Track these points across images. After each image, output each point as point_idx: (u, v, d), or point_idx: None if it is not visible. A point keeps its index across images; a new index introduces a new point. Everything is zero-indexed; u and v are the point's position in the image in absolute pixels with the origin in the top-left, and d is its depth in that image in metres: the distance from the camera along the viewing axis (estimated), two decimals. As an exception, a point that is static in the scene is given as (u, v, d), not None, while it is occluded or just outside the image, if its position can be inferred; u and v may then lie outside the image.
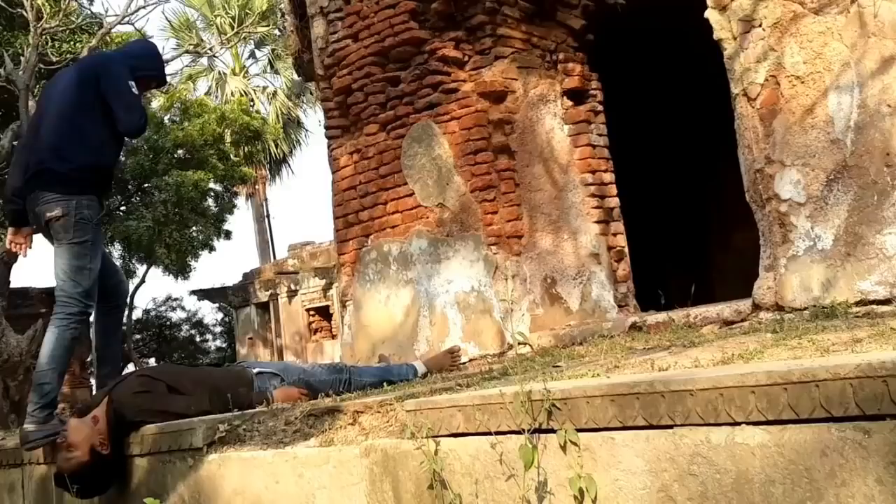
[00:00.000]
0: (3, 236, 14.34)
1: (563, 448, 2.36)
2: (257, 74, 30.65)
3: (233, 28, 20.41)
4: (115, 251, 20.37)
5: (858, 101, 4.30)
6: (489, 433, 2.55)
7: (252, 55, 30.54)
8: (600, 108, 6.45)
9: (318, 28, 6.89)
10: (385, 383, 4.84)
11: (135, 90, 4.59)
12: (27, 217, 4.71)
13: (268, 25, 21.38)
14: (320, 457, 3.21)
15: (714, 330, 4.64)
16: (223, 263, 60.92)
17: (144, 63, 4.89)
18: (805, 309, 4.36)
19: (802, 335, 3.21)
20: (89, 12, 15.38)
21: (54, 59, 13.63)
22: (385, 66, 6.46)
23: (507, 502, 2.51)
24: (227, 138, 19.42)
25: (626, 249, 6.49)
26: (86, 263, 4.54)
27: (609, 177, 6.38)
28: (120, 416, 4.20)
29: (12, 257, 4.23)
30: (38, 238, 4.85)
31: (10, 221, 4.88)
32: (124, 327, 27.37)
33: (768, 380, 1.97)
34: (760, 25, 4.61)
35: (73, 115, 4.60)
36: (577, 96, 6.41)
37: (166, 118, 18.67)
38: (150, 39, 5.34)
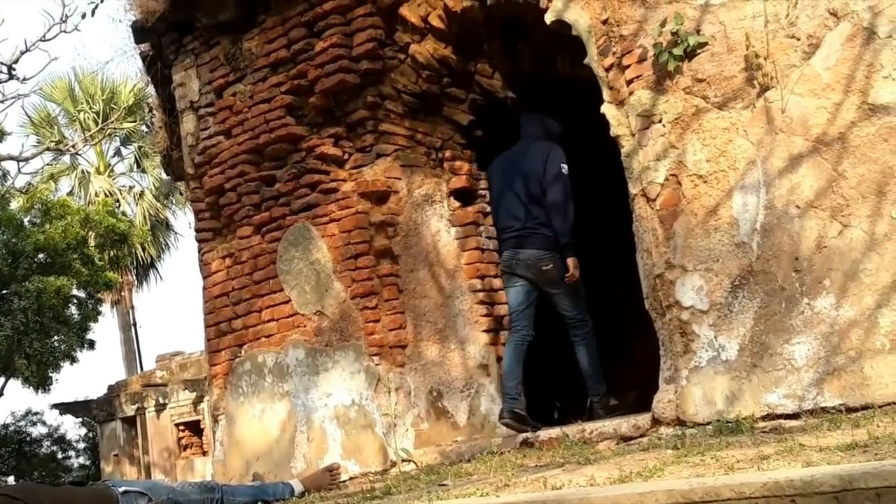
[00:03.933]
0: None
1: (449, 573, 2.28)
2: (123, 173, 29.80)
3: (97, 124, 19.89)
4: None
5: (765, 201, 4.21)
6: (370, 557, 2.39)
7: (118, 153, 29.71)
8: (489, 209, 6.24)
9: (188, 124, 6.81)
10: (260, 503, 4.90)
11: (565, 170, 5.79)
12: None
13: (134, 121, 21.06)
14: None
15: (611, 446, 4.59)
16: (87, 375, 58.47)
17: (559, 135, 6.15)
18: (708, 423, 4.30)
19: (705, 451, 3.23)
20: (-55, 107, 14.71)
21: None
22: (259, 165, 6.39)
23: None
24: (92, 241, 18.90)
25: (517, 360, 6.27)
26: (576, 294, 5.91)
27: (499, 283, 6.23)
28: None
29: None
30: None
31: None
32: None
33: (668, 499, 1.97)
34: (660, 121, 4.53)
35: (540, 187, 5.80)
36: (464, 196, 6.31)
37: (26, 220, 17.93)
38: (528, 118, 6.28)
